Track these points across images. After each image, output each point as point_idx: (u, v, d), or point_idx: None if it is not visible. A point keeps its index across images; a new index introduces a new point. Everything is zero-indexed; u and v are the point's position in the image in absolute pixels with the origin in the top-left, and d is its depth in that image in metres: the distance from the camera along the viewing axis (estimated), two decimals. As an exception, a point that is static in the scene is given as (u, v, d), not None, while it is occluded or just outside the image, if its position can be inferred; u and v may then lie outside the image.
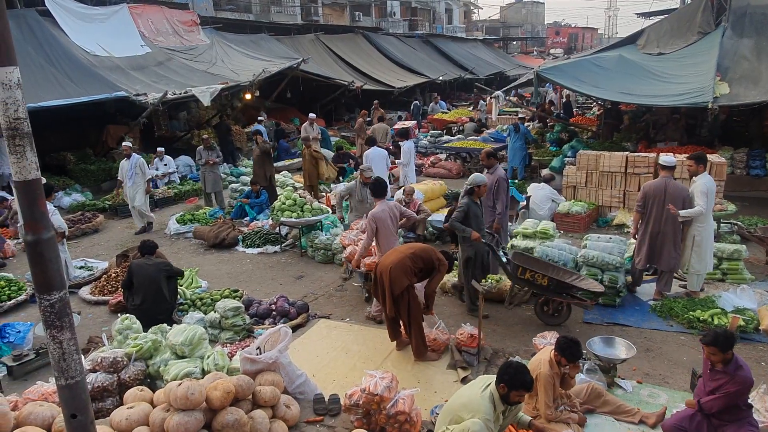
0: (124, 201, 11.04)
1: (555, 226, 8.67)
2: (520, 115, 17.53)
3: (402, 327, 5.64)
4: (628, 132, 14.33)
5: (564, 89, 17.89)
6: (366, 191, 7.88)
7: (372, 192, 6.56)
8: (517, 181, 11.91)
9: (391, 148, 14.11)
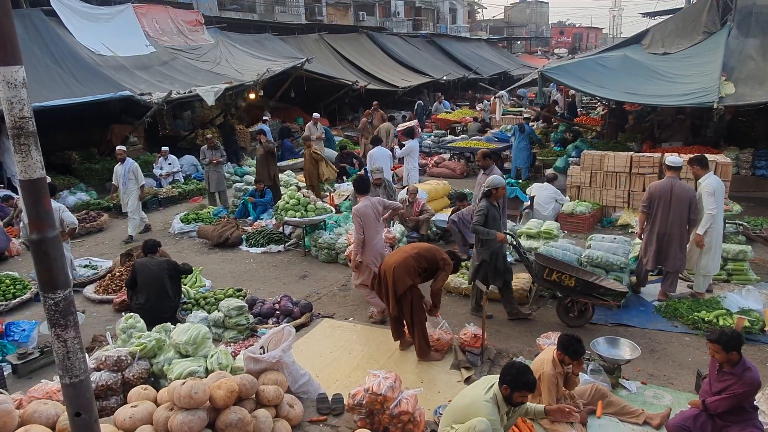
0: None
1: (559, 226, 8.66)
2: (525, 115, 17.47)
3: (405, 327, 5.64)
4: (633, 132, 14.27)
5: (568, 89, 17.83)
6: (376, 191, 7.92)
7: (355, 189, 6.86)
8: (521, 180, 11.88)
9: (396, 148, 14.08)
